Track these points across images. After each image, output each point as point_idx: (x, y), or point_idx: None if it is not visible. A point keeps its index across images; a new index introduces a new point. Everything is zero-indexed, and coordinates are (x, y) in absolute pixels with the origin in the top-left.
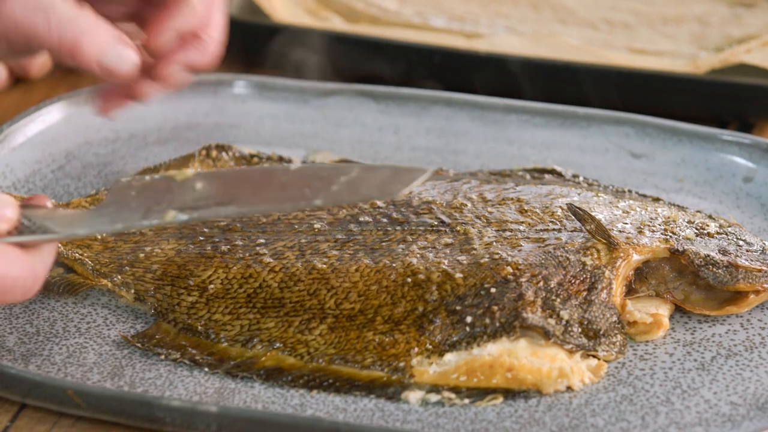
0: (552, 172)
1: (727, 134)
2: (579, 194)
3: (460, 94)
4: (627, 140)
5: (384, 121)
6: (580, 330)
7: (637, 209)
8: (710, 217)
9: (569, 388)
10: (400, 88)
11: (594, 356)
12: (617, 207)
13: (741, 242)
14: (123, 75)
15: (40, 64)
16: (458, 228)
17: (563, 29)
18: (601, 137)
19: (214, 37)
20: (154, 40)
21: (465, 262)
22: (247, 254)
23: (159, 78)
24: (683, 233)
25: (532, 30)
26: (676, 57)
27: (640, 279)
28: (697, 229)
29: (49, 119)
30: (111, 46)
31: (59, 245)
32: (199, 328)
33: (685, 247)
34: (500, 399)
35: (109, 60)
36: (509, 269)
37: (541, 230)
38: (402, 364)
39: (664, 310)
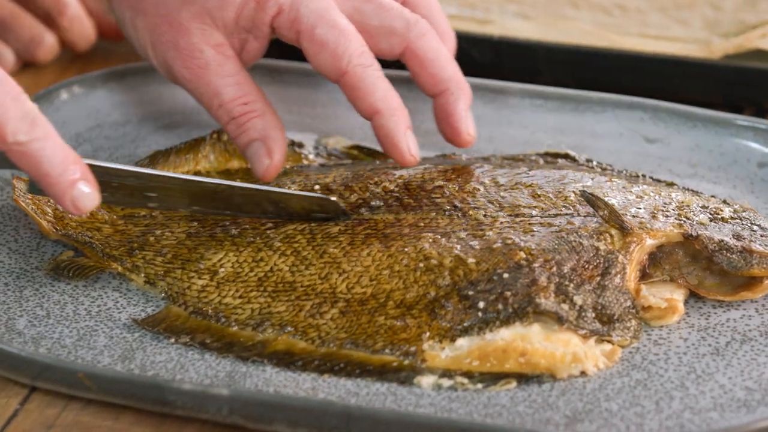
0: (566, 156)
1: (742, 119)
2: (592, 179)
3: (474, 78)
4: (641, 125)
5: None
6: (594, 315)
7: (651, 194)
8: (724, 202)
9: (583, 373)
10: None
11: (608, 341)
12: (631, 192)
13: (755, 227)
14: None
15: (48, 48)
16: (470, 213)
17: (575, 13)
18: (614, 122)
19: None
20: None
21: (477, 247)
22: (257, 238)
23: None
24: (697, 218)
25: (544, 14)
26: (689, 43)
27: (654, 264)
28: (711, 214)
29: (58, 103)
30: None
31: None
32: (210, 311)
33: (699, 232)
34: (513, 384)
35: None
36: (522, 254)
37: (554, 215)
38: (413, 349)
39: (678, 295)
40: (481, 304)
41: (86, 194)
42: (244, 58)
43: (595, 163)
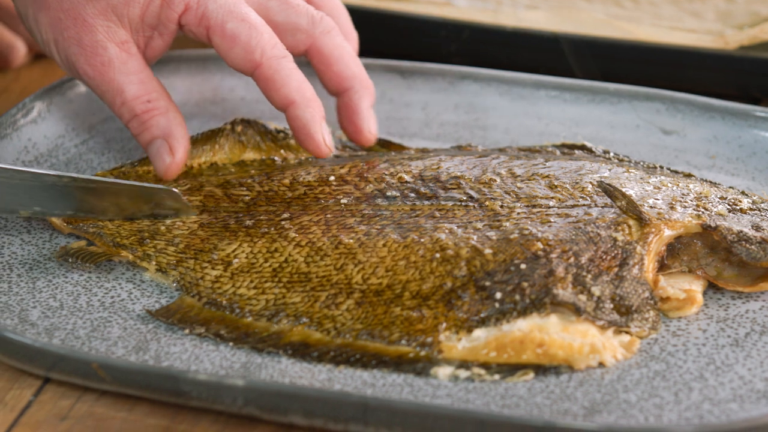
0: (582, 147)
1: (760, 110)
2: (609, 170)
3: (489, 69)
4: (658, 116)
5: (412, 96)
6: (611, 306)
7: (669, 185)
8: (743, 193)
9: (601, 364)
10: (427, 64)
11: (626, 332)
12: (648, 183)
13: None
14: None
15: None
16: (487, 203)
17: (587, 5)
18: (631, 113)
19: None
20: None
21: (494, 237)
22: (272, 228)
23: None
24: (715, 209)
25: (557, 5)
26: (702, 34)
27: (673, 255)
28: (729, 205)
29: (71, 95)
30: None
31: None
32: (224, 302)
33: (718, 222)
34: (531, 375)
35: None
36: (539, 245)
37: (571, 206)
38: (429, 340)
39: (697, 286)
40: (498, 295)
41: None
42: (147, 56)
43: (611, 154)
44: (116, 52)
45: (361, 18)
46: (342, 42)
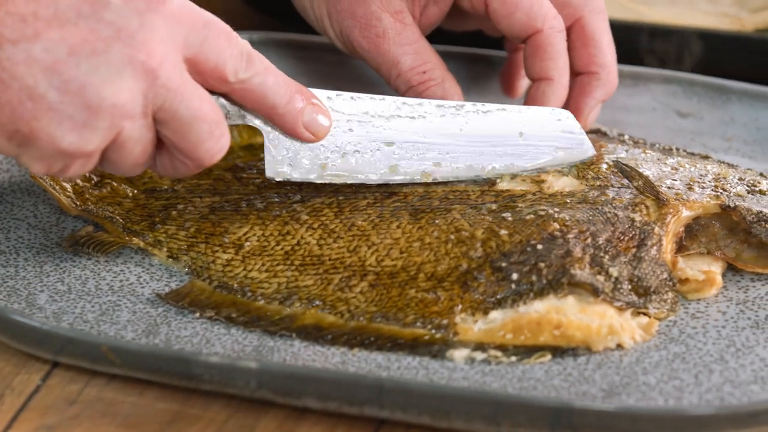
0: (596, 132)
1: None
2: (626, 151)
3: (502, 51)
4: (674, 99)
5: None
6: (630, 287)
7: (686, 166)
8: (761, 175)
9: (619, 346)
10: (448, 47)
11: (645, 314)
12: (665, 164)
13: None
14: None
15: None
16: (501, 185)
17: None
18: (647, 96)
19: None
20: None
21: (510, 218)
22: (284, 211)
23: None
24: (734, 190)
25: None
26: (718, 17)
27: (691, 236)
28: (748, 186)
29: None
30: None
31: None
32: (235, 285)
33: (737, 203)
34: (548, 357)
35: None
36: (556, 225)
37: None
38: (445, 322)
39: (716, 268)
40: (515, 276)
41: (318, 119)
42: (422, 24)
43: (626, 137)
44: (390, 23)
45: None
46: (607, 28)
